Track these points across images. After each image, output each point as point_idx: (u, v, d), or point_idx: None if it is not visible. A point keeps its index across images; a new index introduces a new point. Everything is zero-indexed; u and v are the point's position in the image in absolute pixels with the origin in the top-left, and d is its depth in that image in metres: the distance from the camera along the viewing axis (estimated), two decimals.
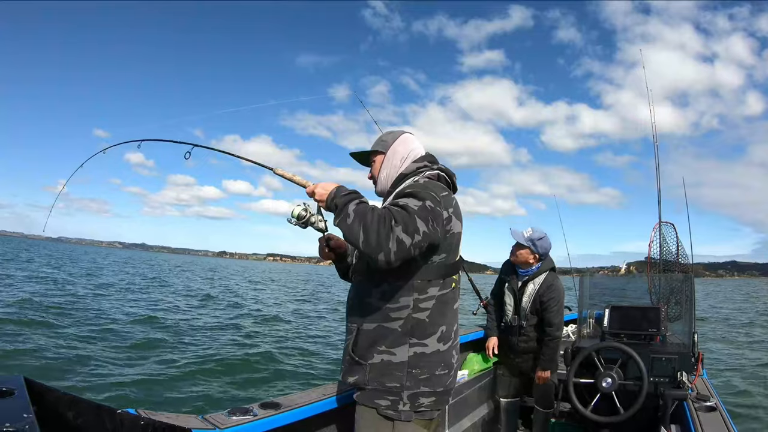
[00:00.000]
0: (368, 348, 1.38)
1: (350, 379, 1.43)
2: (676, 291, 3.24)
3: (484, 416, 3.16)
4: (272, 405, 1.65)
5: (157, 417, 1.27)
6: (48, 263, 28.02)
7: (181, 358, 6.61)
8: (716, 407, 2.06)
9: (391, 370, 1.35)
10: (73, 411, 0.79)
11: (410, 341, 1.35)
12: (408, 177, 1.47)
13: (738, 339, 10.67)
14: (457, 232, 1.41)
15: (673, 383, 2.38)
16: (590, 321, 3.23)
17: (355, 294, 1.48)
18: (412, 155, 1.53)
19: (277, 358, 7.06)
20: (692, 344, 2.56)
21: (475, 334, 3.29)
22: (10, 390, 0.75)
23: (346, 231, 1.21)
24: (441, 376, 1.38)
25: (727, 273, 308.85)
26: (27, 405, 0.71)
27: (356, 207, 1.22)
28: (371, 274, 1.40)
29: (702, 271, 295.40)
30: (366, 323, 1.40)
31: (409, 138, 1.57)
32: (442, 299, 1.39)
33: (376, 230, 1.16)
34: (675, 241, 3.48)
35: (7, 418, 0.66)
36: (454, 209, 1.40)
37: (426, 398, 1.36)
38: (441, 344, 1.39)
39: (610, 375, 2.42)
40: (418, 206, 1.24)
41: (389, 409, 1.35)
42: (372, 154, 1.57)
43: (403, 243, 1.17)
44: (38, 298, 10.57)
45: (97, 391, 4.81)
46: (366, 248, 1.17)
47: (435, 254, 1.36)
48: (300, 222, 1.48)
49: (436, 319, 1.38)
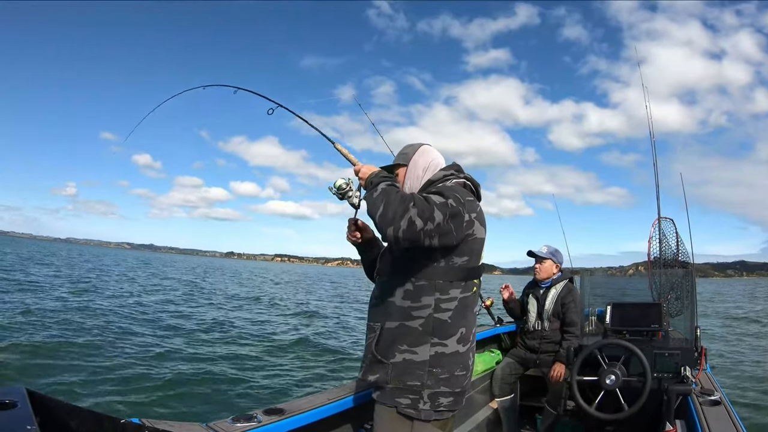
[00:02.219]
0: (390, 346, 1.41)
1: (371, 378, 1.45)
2: (677, 286, 3.24)
3: (489, 416, 3.16)
4: (276, 411, 1.65)
5: (161, 426, 1.27)
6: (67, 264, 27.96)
7: (184, 365, 6.59)
8: (721, 401, 2.06)
9: (412, 368, 1.38)
10: (75, 421, 0.78)
11: (432, 341, 1.38)
12: (435, 183, 1.51)
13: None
14: (480, 238, 1.45)
15: (677, 378, 2.38)
16: (592, 319, 3.24)
17: (378, 293, 1.52)
18: (433, 165, 1.59)
19: (280, 362, 7.04)
20: (695, 339, 2.56)
21: (479, 335, 3.30)
22: (13, 402, 0.75)
23: (370, 203, 1.32)
24: (459, 377, 1.41)
25: (735, 273, 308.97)
26: (30, 416, 0.71)
27: (386, 186, 1.34)
28: (395, 274, 1.45)
29: (711, 271, 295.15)
30: (389, 322, 1.43)
31: (429, 149, 1.64)
32: (463, 302, 1.43)
33: (395, 207, 1.25)
34: (674, 237, 3.48)
35: (10, 430, 0.66)
36: (478, 215, 1.44)
37: (445, 398, 1.38)
38: (460, 345, 1.42)
39: (614, 372, 2.41)
40: (440, 201, 1.31)
41: (409, 407, 1.37)
42: (394, 168, 1.63)
43: (414, 225, 1.24)
44: (41, 305, 10.54)
45: (100, 401, 4.79)
46: (380, 221, 1.27)
47: (457, 256, 1.40)
48: (339, 192, 1.60)
49: (457, 321, 1.41)
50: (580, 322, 3.05)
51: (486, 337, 3.46)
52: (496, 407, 3.25)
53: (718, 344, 9.19)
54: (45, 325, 8.44)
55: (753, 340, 10.31)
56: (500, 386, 3.24)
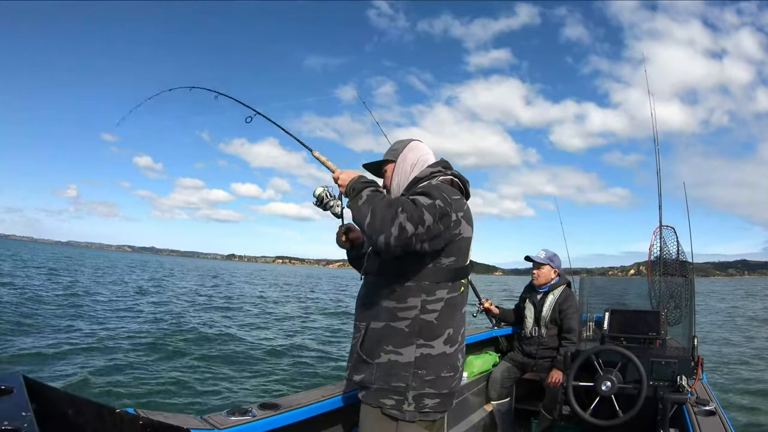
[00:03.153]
0: (375, 346, 1.40)
1: (356, 377, 1.44)
2: (676, 295, 3.24)
3: (484, 419, 3.16)
4: (272, 405, 1.65)
5: (156, 417, 1.27)
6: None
7: (181, 357, 6.61)
8: (715, 411, 2.06)
9: (397, 369, 1.36)
10: (72, 409, 0.78)
11: (417, 342, 1.37)
12: (422, 181, 1.49)
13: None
14: (466, 237, 1.43)
15: (673, 387, 2.38)
16: (590, 324, 3.24)
17: (365, 293, 1.50)
18: (421, 161, 1.57)
19: (279, 359, 7.05)
20: (692, 348, 2.56)
21: (476, 336, 3.30)
22: (9, 388, 0.75)
23: (355, 211, 1.27)
24: (446, 378, 1.39)
25: (737, 272, 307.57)
26: (26, 403, 0.71)
27: (370, 192, 1.28)
28: (381, 274, 1.43)
29: (712, 270, 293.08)
30: (374, 322, 1.42)
31: (418, 145, 1.62)
32: (450, 302, 1.41)
33: (382, 214, 1.20)
34: (675, 245, 3.48)
35: (5, 417, 0.66)
36: (465, 214, 1.42)
37: (431, 399, 1.37)
38: (448, 346, 1.40)
39: (610, 378, 2.41)
40: (428, 203, 1.27)
41: (394, 408, 1.36)
42: (383, 164, 1.61)
43: (405, 230, 1.19)
44: (41, 295, 10.58)
45: (96, 390, 4.81)
46: (369, 229, 1.21)
47: (444, 257, 1.38)
48: (319, 203, 1.56)
49: (443, 322, 1.39)
50: (578, 328, 3.05)
51: (483, 339, 3.46)
52: (491, 410, 3.25)
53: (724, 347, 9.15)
54: (46, 318, 8.47)
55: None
56: (496, 389, 3.24)
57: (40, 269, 22.49)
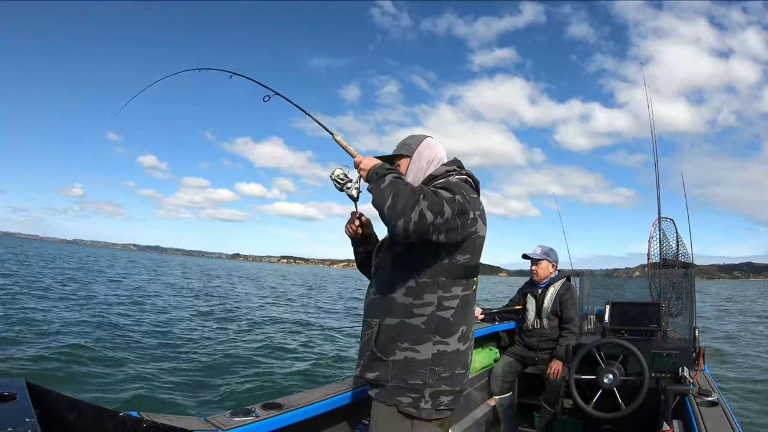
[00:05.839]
0: (390, 343, 1.38)
1: (369, 375, 1.42)
2: (677, 286, 3.24)
3: (487, 414, 3.17)
4: (275, 406, 1.65)
5: (159, 419, 1.27)
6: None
7: (183, 359, 6.61)
8: (718, 402, 2.06)
9: (414, 367, 1.35)
10: (74, 414, 0.78)
11: (434, 339, 1.36)
12: (438, 178, 1.49)
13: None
14: (482, 236, 1.44)
15: (675, 378, 2.39)
16: (591, 317, 3.25)
17: (377, 289, 1.48)
18: (437, 159, 1.57)
19: (280, 359, 7.06)
20: (693, 339, 2.57)
21: (477, 332, 3.31)
22: (12, 394, 0.75)
23: (377, 194, 1.27)
24: (459, 375, 1.40)
25: (742, 274, 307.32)
26: (29, 409, 0.71)
27: (394, 178, 1.29)
28: (396, 269, 1.42)
29: (717, 272, 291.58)
30: (388, 318, 1.40)
31: (433, 142, 1.61)
32: (465, 299, 1.41)
33: (405, 199, 1.21)
34: (675, 237, 3.48)
35: (9, 422, 0.66)
36: (481, 213, 1.43)
37: (446, 396, 1.37)
38: (461, 344, 1.40)
39: (612, 371, 2.42)
40: (448, 196, 1.28)
41: (410, 406, 1.35)
42: (396, 158, 1.59)
43: (424, 218, 1.20)
44: (43, 299, 10.57)
45: (98, 394, 4.81)
46: (390, 212, 1.22)
47: (460, 254, 1.38)
48: (337, 182, 1.55)
49: (458, 319, 1.39)
50: (578, 320, 3.08)
51: (485, 335, 3.47)
52: (494, 405, 3.26)
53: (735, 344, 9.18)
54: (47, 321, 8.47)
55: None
56: (498, 384, 3.26)
57: (51, 267, 22.48)
